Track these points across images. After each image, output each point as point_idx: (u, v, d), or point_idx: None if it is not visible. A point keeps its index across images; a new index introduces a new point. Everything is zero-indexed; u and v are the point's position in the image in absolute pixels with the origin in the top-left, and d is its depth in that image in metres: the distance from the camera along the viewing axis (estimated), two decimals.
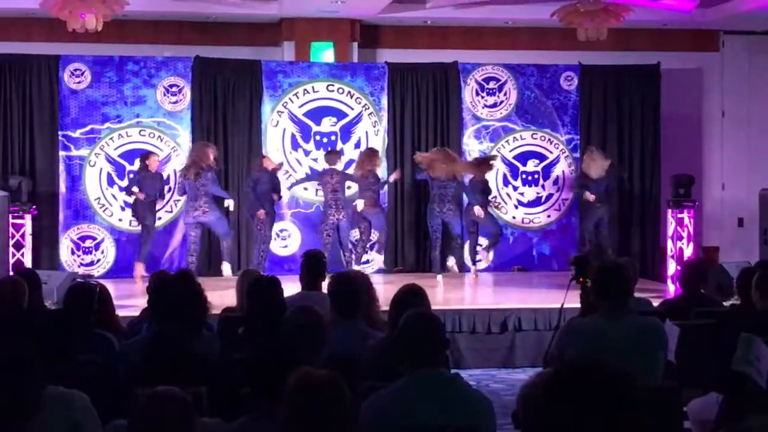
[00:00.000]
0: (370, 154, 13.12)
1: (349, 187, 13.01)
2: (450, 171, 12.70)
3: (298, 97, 14.07)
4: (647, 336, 5.01)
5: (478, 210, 12.90)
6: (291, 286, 7.02)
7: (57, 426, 3.83)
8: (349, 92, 14.18)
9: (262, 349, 4.07)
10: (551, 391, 2.19)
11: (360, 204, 12.79)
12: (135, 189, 12.69)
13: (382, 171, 14.01)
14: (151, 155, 12.95)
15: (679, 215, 13.23)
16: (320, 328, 4.85)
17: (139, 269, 12.64)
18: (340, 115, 14.16)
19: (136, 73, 13.69)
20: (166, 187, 13.34)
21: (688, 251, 13.14)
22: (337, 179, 12.66)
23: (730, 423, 3.27)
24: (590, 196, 13.16)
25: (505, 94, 14.52)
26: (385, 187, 13.91)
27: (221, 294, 8.75)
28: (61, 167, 13.50)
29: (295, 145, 14.05)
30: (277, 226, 13.68)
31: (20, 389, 3.60)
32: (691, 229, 13.23)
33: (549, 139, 14.60)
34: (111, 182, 13.56)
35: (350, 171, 13.14)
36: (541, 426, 2.18)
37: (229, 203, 12.96)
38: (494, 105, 14.52)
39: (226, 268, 12.63)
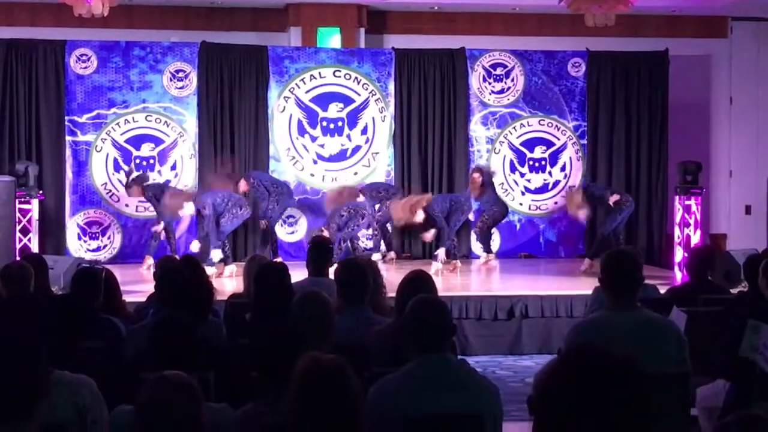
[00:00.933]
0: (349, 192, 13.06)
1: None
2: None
3: (304, 83, 14.05)
4: (655, 329, 4.96)
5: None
6: (298, 273, 7.01)
7: (64, 411, 3.83)
8: (356, 78, 14.16)
9: (270, 334, 4.06)
10: (559, 375, 2.19)
11: None
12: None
13: (389, 158, 14.01)
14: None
15: (687, 202, 13.20)
16: (328, 314, 4.84)
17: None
18: (347, 100, 14.14)
19: (142, 59, 13.68)
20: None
21: (695, 238, 13.11)
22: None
23: (738, 410, 3.26)
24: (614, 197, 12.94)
25: (512, 80, 14.48)
26: (392, 172, 13.94)
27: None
28: (68, 152, 13.51)
29: (302, 131, 14.03)
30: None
31: (27, 374, 3.58)
32: (698, 216, 13.21)
33: (556, 126, 14.56)
34: (117, 167, 13.55)
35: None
36: (551, 411, 2.18)
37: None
38: (501, 91, 14.49)
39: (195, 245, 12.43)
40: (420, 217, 12.33)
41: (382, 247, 13.41)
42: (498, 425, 4.10)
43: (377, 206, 13.06)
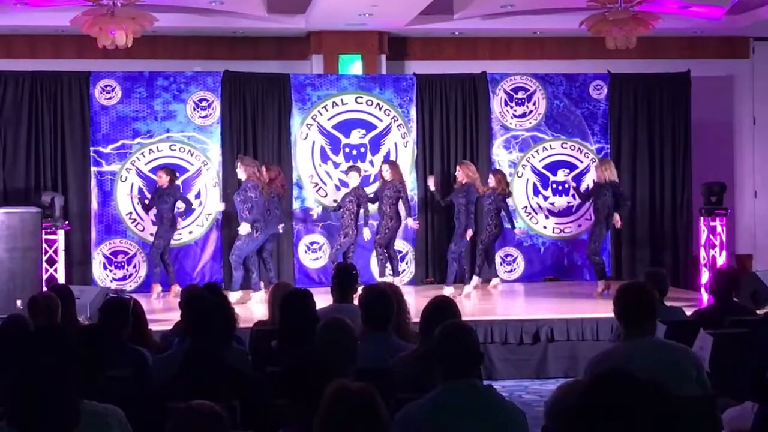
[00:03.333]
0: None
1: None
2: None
3: (327, 110, 14.11)
4: (672, 354, 4.98)
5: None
6: (323, 299, 7.02)
7: None
8: (377, 104, 14.20)
9: (295, 361, 4.08)
10: (586, 400, 2.19)
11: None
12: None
13: (410, 182, 14.03)
14: (158, 171, 13.00)
15: (712, 223, 13.15)
16: (351, 340, 4.85)
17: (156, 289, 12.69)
18: (369, 127, 14.18)
19: (166, 89, 13.77)
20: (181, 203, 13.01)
21: (720, 259, 13.05)
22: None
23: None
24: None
25: (534, 104, 14.50)
26: (415, 197, 13.95)
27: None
28: (93, 183, 13.59)
29: (325, 158, 14.08)
30: (307, 239, 13.79)
31: (58, 404, 3.61)
32: (723, 237, 13.15)
33: (579, 149, 14.56)
34: (143, 196, 13.61)
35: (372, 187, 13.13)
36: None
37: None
38: (523, 115, 14.50)
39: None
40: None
41: (388, 270, 12.85)
42: None
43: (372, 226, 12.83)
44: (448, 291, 11.66)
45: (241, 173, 12.07)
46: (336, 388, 3.34)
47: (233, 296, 11.14)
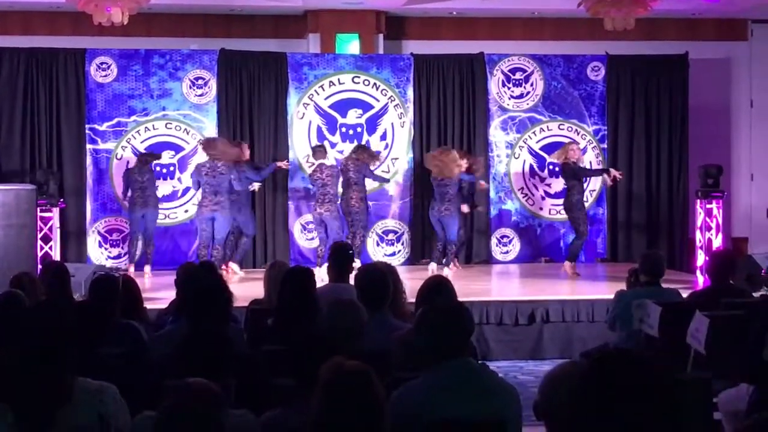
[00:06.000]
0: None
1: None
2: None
3: (323, 89, 14.07)
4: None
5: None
6: (317, 279, 7.00)
7: (87, 417, 3.85)
8: (374, 84, 14.16)
9: (303, 339, 4.07)
10: (588, 379, 2.18)
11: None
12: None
13: (408, 164, 14.01)
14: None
15: (708, 206, 13.14)
16: (361, 321, 4.85)
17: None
18: (366, 107, 14.14)
19: (162, 66, 13.72)
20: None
21: (716, 242, 13.05)
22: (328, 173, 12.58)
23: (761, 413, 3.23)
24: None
25: (531, 85, 14.46)
26: (410, 179, 13.92)
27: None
28: (88, 161, 13.55)
29: (321, 137, 14.04)
30: (303, 219, 13.76)
31: (51, 381, 3.60)
32: (719, 220, 13.14)
33: (576, 130, 14.53)
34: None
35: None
36: (572, 415, 2.17)
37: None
38: (520, 96, 14.46)
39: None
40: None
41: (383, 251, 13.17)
42: (519, 428, 4.10)
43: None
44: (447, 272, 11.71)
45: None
46: (332, 367, 3.33)
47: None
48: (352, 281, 6.42)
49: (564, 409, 2.26)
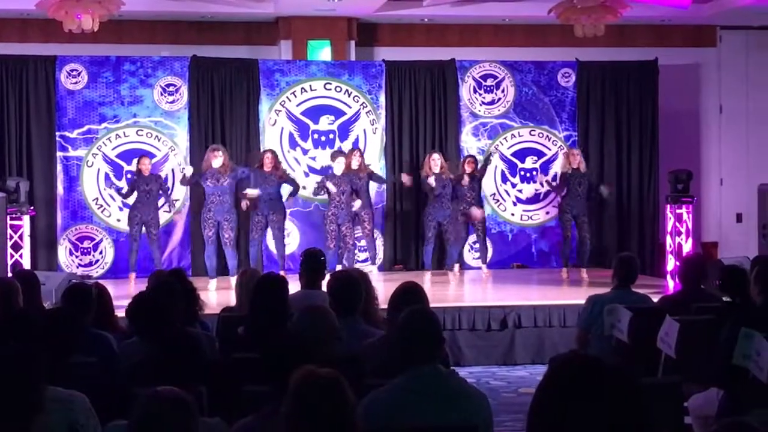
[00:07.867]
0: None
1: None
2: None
3: (295, 96, 14.06)
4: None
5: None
6: (291, 286, 7.00)
7: (57, 427, 3.83)
8: (346, 90, 14.17)
9: (277, 345, 4.06)
10: (553, 386, 2.19)
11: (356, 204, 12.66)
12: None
13: (380, 170, 14.01)
14: (141, 158, 12.77)
15: (678, 211, 13.23)
16: (335, 329, 4.85)
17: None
18: (338, 113, 14.15)
19: (132, 73, 13.67)
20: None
21: (687, 247, 13.14)
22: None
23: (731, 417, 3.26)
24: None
25: (502, 91, 14.51)
26: (383, 185, 13.91)
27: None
28: (59, 168, 13.49)
29: (293, 144, 14.03)
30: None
31: (21, 390, 3.58)
32: (689, 225, 13.23)
33: (547, 136, 14.59)
34: (109, 183, 13.53)
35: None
36: (545, 422, 2.18)
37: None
38: (492, 102, 14.51)
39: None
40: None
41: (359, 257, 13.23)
42: None
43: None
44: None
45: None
46: (303, 374, 3.32)
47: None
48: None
49: (530, 413, 2.27)
